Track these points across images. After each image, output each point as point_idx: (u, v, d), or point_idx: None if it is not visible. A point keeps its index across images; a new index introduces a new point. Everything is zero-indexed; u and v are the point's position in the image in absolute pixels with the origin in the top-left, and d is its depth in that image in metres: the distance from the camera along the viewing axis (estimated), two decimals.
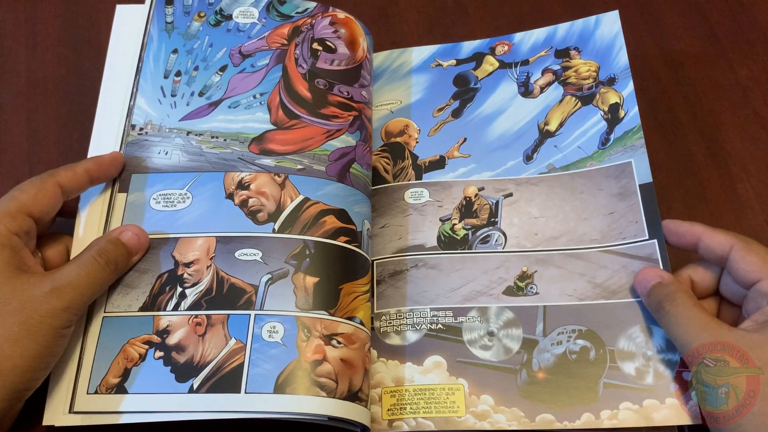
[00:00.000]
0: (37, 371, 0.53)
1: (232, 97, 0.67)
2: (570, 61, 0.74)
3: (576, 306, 0.63)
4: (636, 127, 0.69)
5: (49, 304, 0.53)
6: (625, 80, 0.71)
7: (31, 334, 0.52)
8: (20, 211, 0.56)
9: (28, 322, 0.52)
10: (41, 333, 0.53)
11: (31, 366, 0.53)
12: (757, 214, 0.71)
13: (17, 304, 0.52)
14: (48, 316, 0.53)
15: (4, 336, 0.52)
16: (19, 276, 0.54)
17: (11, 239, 0.55)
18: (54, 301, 0.53)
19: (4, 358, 0.51)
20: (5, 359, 0.51)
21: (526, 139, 0.72)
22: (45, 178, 0.59)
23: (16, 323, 0.52)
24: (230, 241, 0.60)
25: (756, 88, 0.78)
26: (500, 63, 0.76)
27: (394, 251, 0.67)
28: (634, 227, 0.65)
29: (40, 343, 0.53)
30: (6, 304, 0.52)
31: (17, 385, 0.52)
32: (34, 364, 0.53)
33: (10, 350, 0.51)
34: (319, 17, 0.71)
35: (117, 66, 0.69)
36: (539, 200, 0.69)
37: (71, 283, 0.54)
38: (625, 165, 0.68)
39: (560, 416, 0.59)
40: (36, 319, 0.52)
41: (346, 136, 0.66)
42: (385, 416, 0.60)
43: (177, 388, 0.55)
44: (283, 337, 0.57)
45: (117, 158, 0.63)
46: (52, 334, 0.53)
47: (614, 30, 0.74)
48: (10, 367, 0.51)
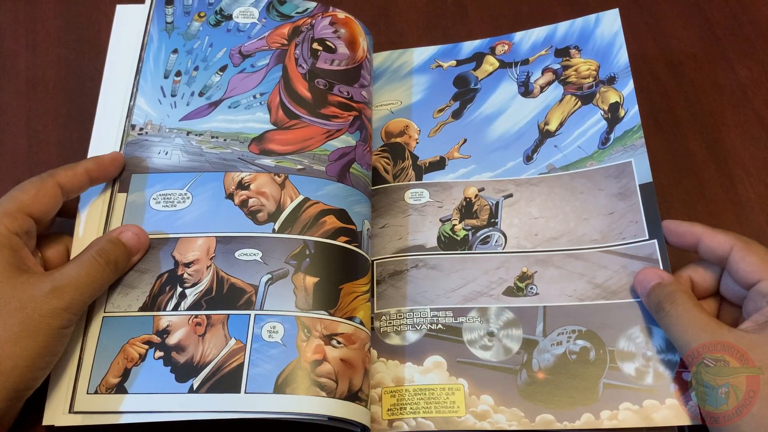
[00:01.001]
0: (37, 371, 0.53)
1: (232, 97, 0.67)
2: (570, 60, 0.74)
3: (576, 306, 0.63)
4: (636, 126, 0.69)
5: (49, 304, 0.53)
6: (625, 79, 0.71)
7: (31, 333, 0.52)
8: (20, 211, 0.56)
9: (28, 321, 0.52)
10: (41, 333, 0.53)
11: (32, 366, 0.53)
12: (758, 214, 0.71)
13: (17, 304, 0.52)
14: (48, 316, 0.53)
15: (4, 336, 0.52)
16: (19, 276, 0.54)
17: (11, 239, 0.55)
18: (54, 301, 0.53)
19: (4, 357, 0.51)
20: (6, 359, 0.51)
21: (526, 139, 0.72)
22: (45, 178, 0.59)
23: (17, 323, 0.52)
24: (230, 241, 0.60)
25: (756, 88, 0.78)
26: (500, 63, 0.76)
27: (394, 251, 0.67)
28: (634, 227, 0.65)
29: (41, 343, 0.53)
30: (6, 304, 0.52)
31: (18, 384, 0.52)
32: (34, 364, 0.53)
33: (10, 350, 0.51)
34: (319, 17, 0.71)
35: (117, 66, 0.69)
36: (539, 201, 0.68)
37: (71, 283, 0.54)
38: (625, 165, 0.68)
39: (560, 416, 0.59)
40: (36, 319, 0.52)
41: (346, 136, 0.66)
42: (385, 416, 0.60)
43: (177, 388, 0.55)
44: (283, 337, 0.57)
45: (117, 158, 0.63)
46: (53, 334, 0.53)
47: (614, 28, 0.74)
48: (11, 367, 0.51)
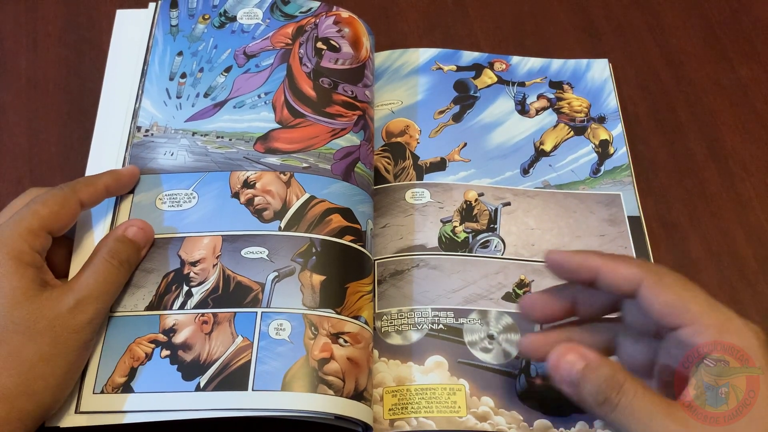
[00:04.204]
0: (66, 389, 0.53)
1: (237, 97, 0.67)
2: (563, 93, 0.76)
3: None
4: (624, 165, 0.72)
5: (75, 320, 0.53)
6: (615, 121, 0.75)
7: (61, 352, 0.52)
8: (42, 229, 0.55)
9: (57, 340, 0.52)
10: (70, 349, 0.53)
11: (62, 384, 0.53)
12: (758, 213, 0.72)
13: (46, 323, 0.52)
14: (75, 332, 0.53)
15: (37, 356, 0.51)
16: (43, 292, 0.53)
17: (34, 257, 0.54)
18: (80, 316, 0.53)
19: (37, 378, 0.51)
20: (38, 379, 0.51)
21: (522, 153, 0.73)
22: (68, 194, 0.57)
23: (47, 342, 0.52)
24: (236, 240, 0.60)
25: (756, 87, 0.79)
26: (498, 78, 0.77)
27: (395, 251, 0.67)
28: (624, 252, 0.67)
29: (70, 359, 0.53)
30: (35, 323, 0.52)
31: (49, 404, 0.52)
32: (63, 382, 0.53)
33: (42, 370, 0.51)
34: (323, 16, 0.71)
35: (120, 69, 0.69)
36: (536, 213, 0.70)
37: (92, 294, 0.54)
38: (615, 196, 0.70)
39: (557, 423, 0.60)
40: (65, 336, 0.52)
41: (351, 135, 0.67)
42: (387, 416, 0.60)
43: (184, 387, 0.55)
44: (290, 334, 0.57)
45: (134, 173, 0.63)
46: (80, 349, 0.53)
47: (604, 76, 0.78)
48: (43, 387, 0.51)
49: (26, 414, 0.50)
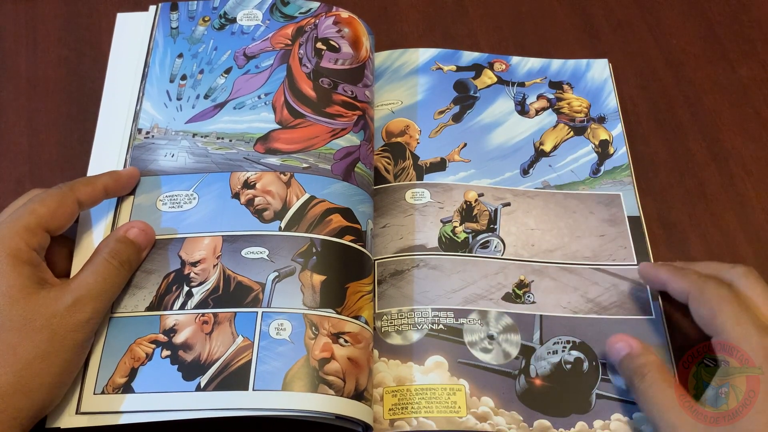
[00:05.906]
0: (62, 387, 0.54)
1: (237, 98, 0.67)
2: (563, 94, 0.77)
3: (570, 318, 0.64)
4: (624, 165, 0.72)
5: (73, 318, 0.53)
6: (615, 121, 0.75)
7: (58, 350, 0.52)
8: (39, 227, 0.55)
9: (54, 338, 0.52)
10: (68, 348, 0.53)
11: (58, 382, 0.53)
12: (758, 213, 0.71)
13: (43, 321, 0.52)
14: (72, 331, 0.53)
15: (33, 353, 0.51)
16: (41, 290, 0.53)
17: (31, 255, 0.54)
18: (78, 314, 0.53)
19: (33, 375, 0.51)
20: (34, 377, 0.51)
21: (522, 153, 0.73)
22: (66, 193, 0.58)
23: (44, 340, 0.52)
24: (236, 240, 0.60)
25: (756, 87, 0.79)
26: (498, 79, 0.77)
27: (395, 251, 0.67)
28: (624, 251, 0.68)
29: (67, 358, 0.53)
30: (32, 321, 0.52)
31: (45, 402, 0.52)
32: (59, 380, 0.53)
33: (38, 367, 0.51)
34: (322, 17, 0.71)
35: (121, 72, 0.69)
36: (535, 213, 0.70)
37: (91, 293, 0.54)
38: (615, 196, 0.70)
39: (556, 423, 0.60)
40: (62, 334, 0.52)
41: (351, 136, 0.67)
42: (387, 416, 0.60)
43: (184, 387, 0.55)
44: (290, 334, 0.57)
45: (134, 175, 0.63)
46: (78, 347, 0.53)
47: (604, 76, 0.78)
48: (38, 385, 0.51)
49: (21, 412, 0.51)
